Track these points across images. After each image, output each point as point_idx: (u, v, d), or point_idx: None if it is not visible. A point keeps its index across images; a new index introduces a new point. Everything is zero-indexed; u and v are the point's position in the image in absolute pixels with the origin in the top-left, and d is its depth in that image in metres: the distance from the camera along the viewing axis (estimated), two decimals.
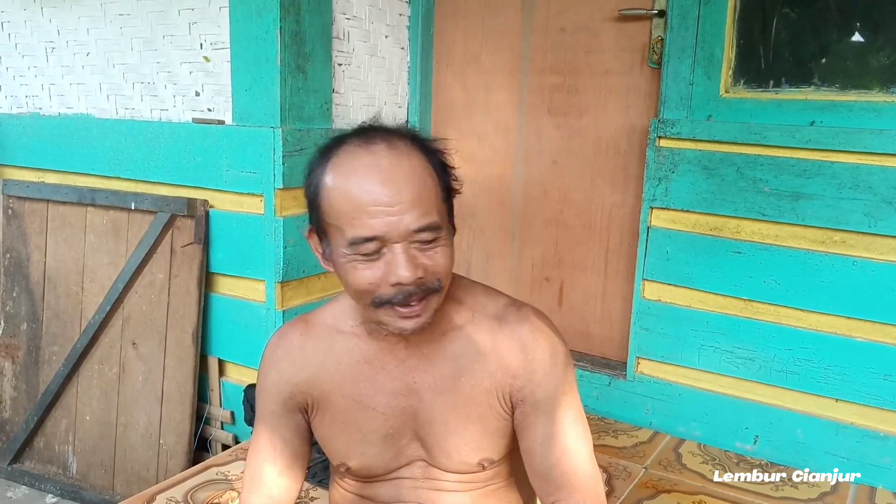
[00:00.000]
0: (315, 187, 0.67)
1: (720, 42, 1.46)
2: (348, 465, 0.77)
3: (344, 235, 0.65)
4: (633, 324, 1.62)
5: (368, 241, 0.64)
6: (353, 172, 0.64)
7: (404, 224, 0.63)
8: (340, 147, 0.67)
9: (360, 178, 0.64)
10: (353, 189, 0.64)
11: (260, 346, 1.63)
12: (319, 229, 0.69)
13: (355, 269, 0.65)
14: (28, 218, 1.85)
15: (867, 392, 1.38)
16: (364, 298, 0.67)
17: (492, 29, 1.86)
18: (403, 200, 0.63)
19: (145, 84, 1.73)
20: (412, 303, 0.66)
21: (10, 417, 1.86)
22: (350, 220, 0.64)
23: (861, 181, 1.34)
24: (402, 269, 0.63)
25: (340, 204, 0.64)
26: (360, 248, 0.64)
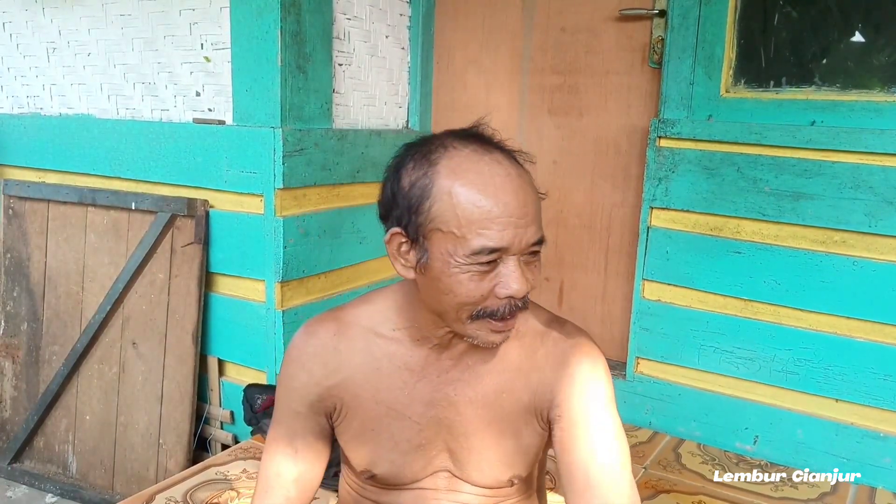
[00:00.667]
0: (422, 189, 0.63)
1: (721, 42, 1.46)
2: (373, 473, 0.75)
3: (466, 244, 0.62)
4: (633, 324, 1.62)
5: (494, 252, 0.62)
6: (481, 179, 0.62)
7: (527, 238, 0.63)
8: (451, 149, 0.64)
9: (495, 188, 0.62)
10: (485, 198, 0.61)
11: (260, 346, 1.64)
12: (416, 234, 0.65)
13: (468, 280, 0.63)
14: (29, 218, 1.86)
15: (867, 392, 1.37)
16: (465, 310, 0.65)
17: (492, 29, 1.86)
18: (529, 213, 0.63)
19: (146, 84, 1.73)
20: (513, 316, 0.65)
21: (10, 417, 1.86)
22: (477, 229, 0.61)
23: (861, 181, 1.34)
24: (518, 282, 0.63)
25: (468, 211, 0.61)
26: (480, 258, 0.62)
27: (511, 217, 0.62)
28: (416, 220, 0.64)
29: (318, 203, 1.64)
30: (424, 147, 0.66)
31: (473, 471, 0.74)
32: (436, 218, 0.63)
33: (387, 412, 0.73)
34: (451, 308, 0.65)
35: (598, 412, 0.71)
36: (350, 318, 0.75)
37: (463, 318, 0.65)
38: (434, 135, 0.68)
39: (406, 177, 0.65)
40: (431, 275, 0.65)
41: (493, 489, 0.76)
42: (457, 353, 0.72)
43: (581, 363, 0.72)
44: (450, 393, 0.73)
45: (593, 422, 0.70)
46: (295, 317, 1.61)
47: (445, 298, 0.65)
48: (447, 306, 0.66)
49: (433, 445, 0.74)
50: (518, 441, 0.74)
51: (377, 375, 0.73)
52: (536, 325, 0.74)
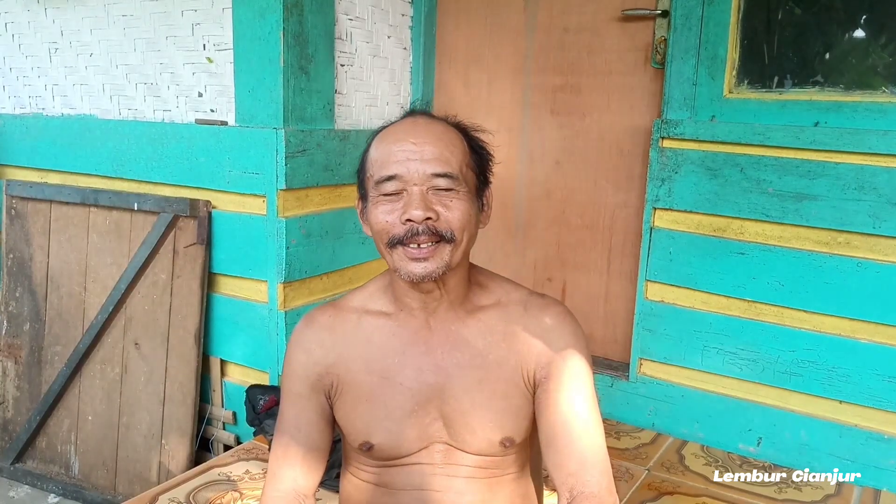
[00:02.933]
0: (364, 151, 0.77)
1: (724, 42, 1.46)
2: (371, 444, 0.78)
3: (373, 178, 0.74)
4: (636, 325, 1.62)
5: (390, 180, 0.72)
6: (391, 132, 0.75)
7: (422, 169, 0.71)
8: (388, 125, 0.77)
9: (395, 134, 0.74)
10: (387, 140, 0.74)
11: (262, 347, 1.64)
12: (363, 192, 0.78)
13: (377, 209, 0.73)
14: (31, 218, 1.86)
15: (871, 394, 1.37)
16: (383, 239, 0.74)
17: (494, 29, 1.86)
18: (426, 151, 0.72)
19: (148, 85, 1.73)
20: (421, 244, 0.71)
21: (12, 417, 1.86)
22: (380, 164, 0.73)
23: (866, 182, 1.34)
24: (414, 207, 0.71)
25: (376, 155, 0.74)
26: (383, 188, 0.72)
27: (404, 150, 0.72)
28: (360, 181, 0.78)
29: (321, 204, 1.64)
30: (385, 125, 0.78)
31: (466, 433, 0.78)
32: (365, 171, 0.76)
33: (379, 381, 0.78)
34: (380, 244, 0.75)
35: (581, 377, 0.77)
36: (345, 303, 0.83)
37: (385, 250, 0.74)
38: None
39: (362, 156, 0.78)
40: (369, 220, 0.76)
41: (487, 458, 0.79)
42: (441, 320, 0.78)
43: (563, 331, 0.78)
44: (438, 358, 0.78)
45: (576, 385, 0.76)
46: (297, 317, 1.61)
47: (374, 235, 0.75)
48: (378, 244, 0.75)
49: (426, 412, 0.78)
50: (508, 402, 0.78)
51: (368, 347, 0.79)
52: (517, 296, 0.81)
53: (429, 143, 0.72)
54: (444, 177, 0.72)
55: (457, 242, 0.72)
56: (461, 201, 0.73)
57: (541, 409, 0.76)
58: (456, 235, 0.72)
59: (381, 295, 0.81)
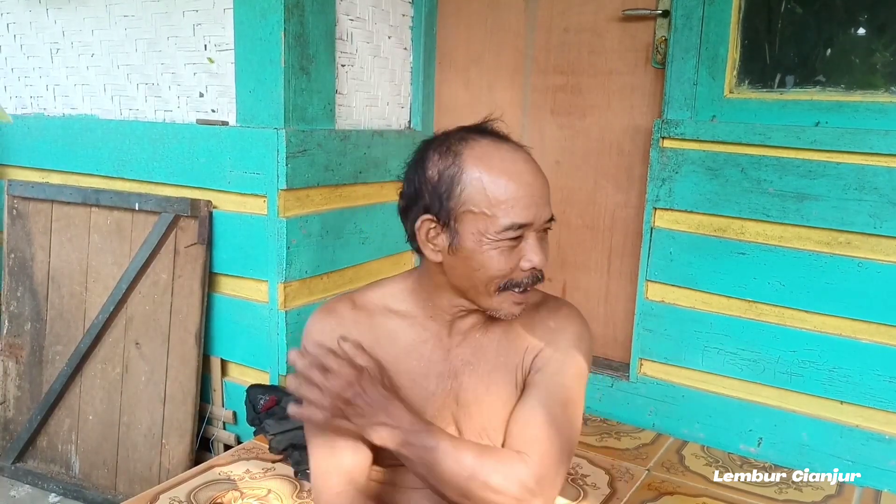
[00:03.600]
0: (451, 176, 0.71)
1: (724, 42, 1.46)
2: None
3: (496, 222, 0.69)
4: (637, 325, 1.61)
5: (521, 228, 0.70)
6: (506, 165, 0.70)
7: (545, 214, 0.72)
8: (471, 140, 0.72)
9: (518, 172, 0.70)
10: (512, 180, 0.70)
11: (263, 347, 1.64)
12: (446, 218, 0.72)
13: (498, 255, 0.70)
14: (32, 218, 1.86)
15: (872, 394, 1.37)
16: (494, 283, 0.72)
17: (495, 29, 1.86)
18: (545, 193, 0.72)
19: (149, 85, 1.74)
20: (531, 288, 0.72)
21: (13, 417, 1.87)
22: (507, 207, 0.69)
23: (866, 182, 1.33)
24: (539, 254, 0.71)
25: (498, 192, 0.69)
26: (509, 234, 0.70)
27: (533, 196, 0.70)
28: (447, 206, 0.71)
29: (321, 204, 1.64)
30: (445, 141, 0.73)
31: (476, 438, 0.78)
32: (467, 201, 0.70)
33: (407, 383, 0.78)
34: (481, 282, 0.72)
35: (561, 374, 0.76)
36: (362, 299, 0.81)
37: (491, 291, 0.72)
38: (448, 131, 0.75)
39: (432, 167, 0.72)
40: (463, 254, 0.72)
41: None
42: (465, 328, 0.78)
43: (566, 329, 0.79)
44: (457, 364, 0.79)
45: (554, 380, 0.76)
46: (298, 317, 1.61)
47: (477, 274, 0.72)
48: (477, 281, 0.72)
49: (442, 416, 0.79)
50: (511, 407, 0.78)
51: (395, 346, 0.78)
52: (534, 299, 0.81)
53: (545, 185, 0.72)
54: (552, 220, 0.73)
55: None
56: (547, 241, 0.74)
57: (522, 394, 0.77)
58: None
59: (405, 296, 0.79)
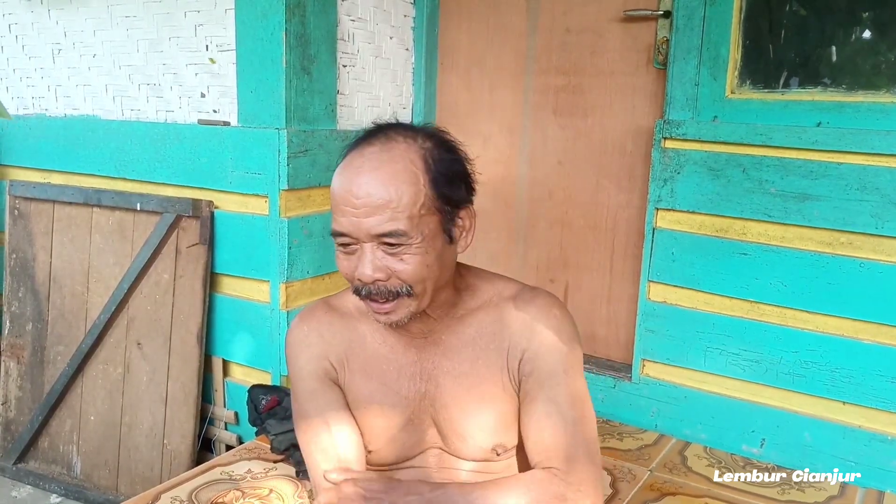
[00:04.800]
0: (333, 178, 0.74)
1: (726, 43, 1.45)
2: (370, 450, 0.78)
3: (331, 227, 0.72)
4: (639, 325, 1.61)
5: (340, 236, 0.70)
6: (342, 170, 0.71)
7: (366, 226, 0.68)
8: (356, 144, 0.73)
9: (343, 177, 0.70)
10: (336, 186, 0.70)
11: (264, 347, 1.64)
12: None
13: (339, 258, 0.73)
14: (34, 218, 1.86)
15: (875, 395, 1.37)
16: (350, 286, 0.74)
17: (497, 29, 1.86)
18: (370, 204, 0.67)
19: (151, 85, 1.74)
20: (379, 300, 0.71)
21: (15, 417, 1.87)
22: (333, 213, 0.71)
23: (868, 182, 1.33)
24: (362, 267, 0.69)
25: (331, 198, 0.71)
26: (337, 240, 0.71)
27: (348, 206, 0.68)
28: None
29: (322, 204, 1.64)
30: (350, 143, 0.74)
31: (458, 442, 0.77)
32: None
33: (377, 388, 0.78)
34: None
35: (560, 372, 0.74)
36: (338, 303, 0.82)
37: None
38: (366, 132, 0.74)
39: None
40: None
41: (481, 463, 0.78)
42: (429, 329, 0.77)
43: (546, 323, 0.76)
44: (429, 367, 0.77)
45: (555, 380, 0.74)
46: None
47: None
48: None
49: (421, 420, 0.78)
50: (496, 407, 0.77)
51: (364, 352, 0.79)
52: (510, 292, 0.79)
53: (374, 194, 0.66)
54: (389, 235, 0.67)
55: (417, 294, 0.70)
56: (414, 255, 0.68)
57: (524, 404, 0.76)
58: (414, 289, 0.70)
59: None
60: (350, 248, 0.70)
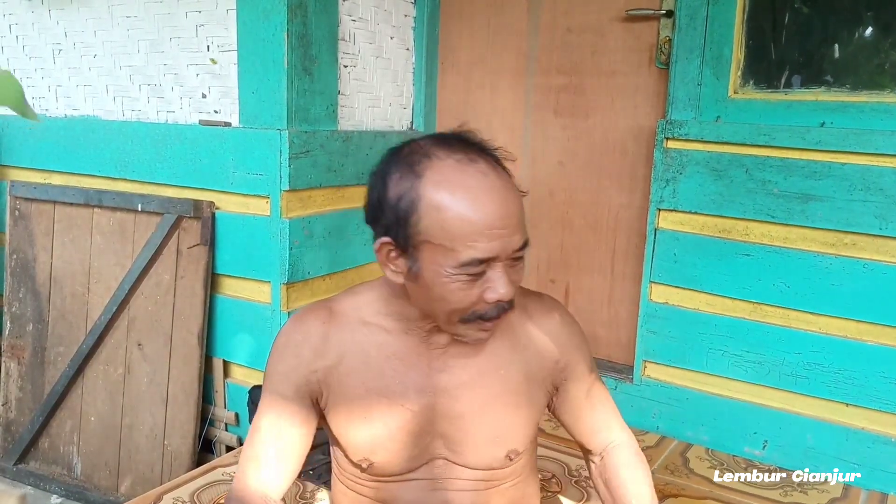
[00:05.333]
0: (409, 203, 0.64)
1: (729, 42, 1.45)
2: (371, 462, 0.76)
3: (455, 257, 0.64)
4: (640, 327, 1.61)
5: (482, 263, 0.64)
6: (468, 193, 0.63)
7: (511, 246, 0.65)
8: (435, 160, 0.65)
9: (481, 202, 0.63)
10: (473, 212, 0.63)
11: (266, 348, 1.63)
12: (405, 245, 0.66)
13: (458, 289, 0.65)
14: (35, 219, 1.86)
15: (878, 396, 1.36)
16: (456, 315, 0.68)
17: (497, 29, 1.85)
18: (514, 223, 0.65)
19: (152, 86, 1.74)
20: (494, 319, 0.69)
21: (15, 418, 1.86)
22: (466, 242, 0.63)
23: (872, 183, 1.33)
24: (505, 287, 0.66)
25: (456, 226, 0.63)
26: (469, 269, 0.64)
27: (496, 229, 0.64)
28: (405, 233, 0.66)
29: (324, 205, 1.64)
30: (409, 157, 0.67)
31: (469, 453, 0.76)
32: (424, 231, 0.65)
33: (378, 400, 0.75)
34: (442, 313, 0.69)
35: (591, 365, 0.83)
36: (339, 308, 0.77)
37: (454, 321, 0.69)
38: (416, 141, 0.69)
39: (392, 188, 0.66)
40: (422, 283, 0.67)
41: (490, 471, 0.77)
42: (445, 340, 0.75)
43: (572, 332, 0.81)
44: (442, 379, 0.75)
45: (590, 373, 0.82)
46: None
47: (437, 305, 0.68)
48: (438, 311, 0.69)
49: (427, 432, 0.76)
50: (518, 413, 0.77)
51: (366, 363, 0.75)
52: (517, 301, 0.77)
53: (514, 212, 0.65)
54: (523, 249, 0.67)
55: None
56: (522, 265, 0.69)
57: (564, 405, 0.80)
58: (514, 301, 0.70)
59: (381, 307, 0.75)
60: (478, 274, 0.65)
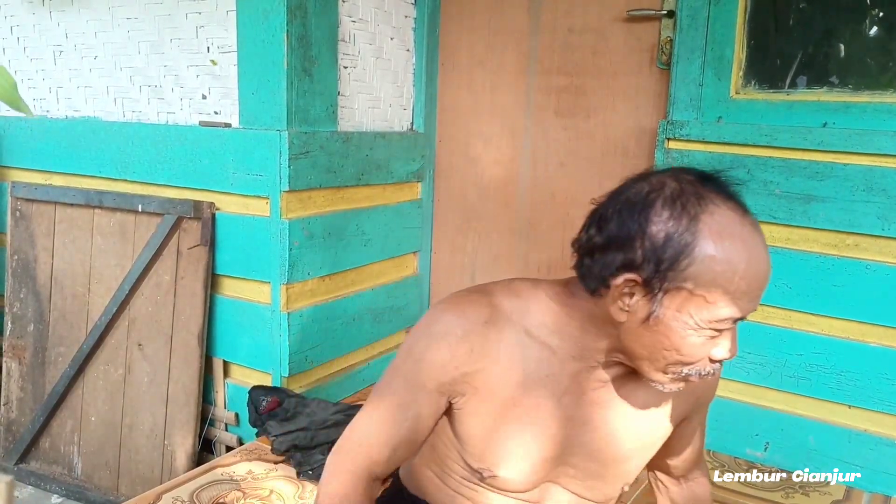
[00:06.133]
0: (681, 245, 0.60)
1: (730, 42, 1.44)
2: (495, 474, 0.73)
3: (715, 310, 0.61)
4: None
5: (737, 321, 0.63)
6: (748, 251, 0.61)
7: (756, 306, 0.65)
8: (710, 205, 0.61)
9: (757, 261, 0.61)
10: (747, 270, 0.60)
11: (265, 348, 1.64)
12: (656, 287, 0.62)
13: (696, 342, 0.63)
14: (35, 220, 1.86)
15: (881, 398, 1.35)
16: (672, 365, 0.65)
17: (498, 30, 1.85)
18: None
19: (152, 87, 1.74)
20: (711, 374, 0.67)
21: (16, 418, 1.87)
22: (732, 298, 0.61)
23: (874, 183, 1.32)
24: (734, 347, 0.65)
25: (728, 280, 0.60)
26: (721, 325, 0.62)
27: (761, 290, 0.63)
28: (663, 274, 0.61)
29: (323, 205, 1.64)
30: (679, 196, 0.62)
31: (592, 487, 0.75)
32: (689, 279, 0.60)
33: (524, 417, 0.71)
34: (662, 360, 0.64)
35: None
36: (502, 307, 0.71)
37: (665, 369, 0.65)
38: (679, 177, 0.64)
39: (660, 224, 0.61)
40: (658, 329, 0.63)
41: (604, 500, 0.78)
42: (609, 375, 0.72)
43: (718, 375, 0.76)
44: (593, 415, 0.72)
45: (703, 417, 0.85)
46: (300, 319, 1.60)
47: (663, 353, 0.64)
48: (659, 357, 0.64)
49: (562, 461, 0.73)
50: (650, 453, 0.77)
51: (521, 378, 0.70)
52: None
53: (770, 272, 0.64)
54: None
55: None
56: None
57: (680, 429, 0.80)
58: None
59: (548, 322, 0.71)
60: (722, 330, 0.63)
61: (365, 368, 1.84)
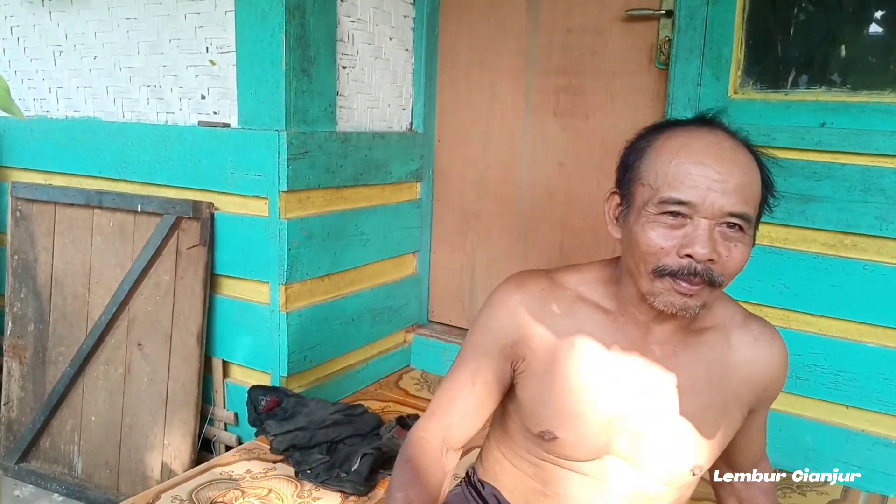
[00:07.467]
0: (641, 149, 0.70)
1: (729, 42, 1.44)
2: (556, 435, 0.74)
3: (657, 194, 0.66)
4: None
5: (679, 205, 0.65)
6: (691, 143, 0.67)
7: (719, 203, 0.64)
8: (682, 125, 0.70)
9: (698, 150, 0.66)
10: (687, 156, 0.66)
11: (264, 348, 1.64)
12: (625, 190, 0.71)
13: (651, 230, 0.66)
14: (36, 220, 1.87)
15: (879, 398, 1.35)
16: (648, 263, 0.67)
17: (497, 30, 1.85)
18: (730, 183, 0.64)
19: (151, 87, 1.74)
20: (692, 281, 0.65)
21: (16, 417, 1.88)
22: (671, 181, 0.65)
23: (872, 183, 1.32)
24: (701, 244, 0.64)
25: (667, 166, 0.66)
26: (666, 208, 0.65)
27: (705, 177, 0.64)
28: (626, 177, 0.71)
29: (322, 205, 1.64)
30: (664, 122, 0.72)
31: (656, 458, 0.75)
32: (641, 173, 0.69)
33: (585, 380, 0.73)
34: (636, 261, 0.68)
35: None
36: (560, 279, 0.77)
37: (645, 273, 0.68)
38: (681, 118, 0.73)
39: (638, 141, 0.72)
40: (627, 226, 0.70)
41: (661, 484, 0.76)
42: (663, 337, 0.73)
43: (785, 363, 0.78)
44: (651, 379, 0.73)
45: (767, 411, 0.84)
46: (299, 319, 1.61)
47: (633, 250, 0.68)
48: (635, 258, 0.69)
49: (621, 427, 0.74)
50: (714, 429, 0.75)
51: (578, 342, 0.74)
52: (739, 318, 0.77)
53: (734, 176, 0.64)
54: (739, 217, 0.65)
55: (723, 286, 0.67)
56: (746, 246, 0.66)
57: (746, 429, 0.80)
58: (725, 281, 0.67)
59: (600, 286, 0.75)
60: (679, 220, 0.65)
61: (364, 368, 1.84)
